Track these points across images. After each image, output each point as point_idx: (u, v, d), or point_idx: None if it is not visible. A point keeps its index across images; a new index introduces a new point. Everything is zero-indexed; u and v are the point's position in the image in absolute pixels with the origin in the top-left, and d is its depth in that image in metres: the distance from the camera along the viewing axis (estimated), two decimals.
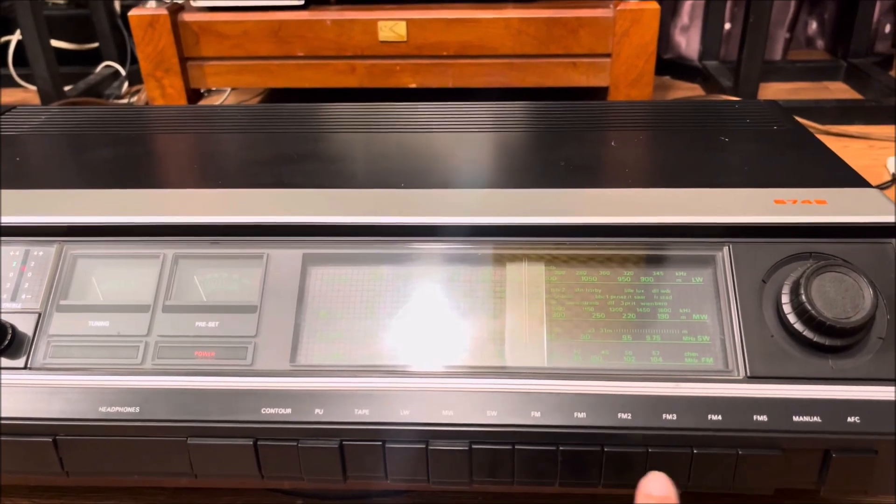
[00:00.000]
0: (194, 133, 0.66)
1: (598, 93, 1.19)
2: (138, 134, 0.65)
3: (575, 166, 0.56)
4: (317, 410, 0.41)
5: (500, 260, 0.47)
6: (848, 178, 0.52)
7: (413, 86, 1.08)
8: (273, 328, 0.44)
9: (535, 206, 0.48)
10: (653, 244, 0.47)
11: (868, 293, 0.42)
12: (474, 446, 0.42)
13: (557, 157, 0.58)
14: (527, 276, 0.47)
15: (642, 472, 0.42)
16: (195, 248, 0.46)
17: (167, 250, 0.46)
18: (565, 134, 0.63)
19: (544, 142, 0.62)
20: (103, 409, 0.41)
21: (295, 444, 0.41)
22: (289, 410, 0.41)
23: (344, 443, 0.41)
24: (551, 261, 0.47)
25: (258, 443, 0.41)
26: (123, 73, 1.40)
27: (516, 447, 0.42)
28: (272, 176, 0.55)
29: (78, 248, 0.47)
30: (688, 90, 1.48)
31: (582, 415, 0.42)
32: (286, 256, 0.46)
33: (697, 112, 0.70)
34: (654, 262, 0.47)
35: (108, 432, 0.41)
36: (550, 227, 0.47)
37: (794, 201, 0.47)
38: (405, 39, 1.04)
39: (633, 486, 0.43)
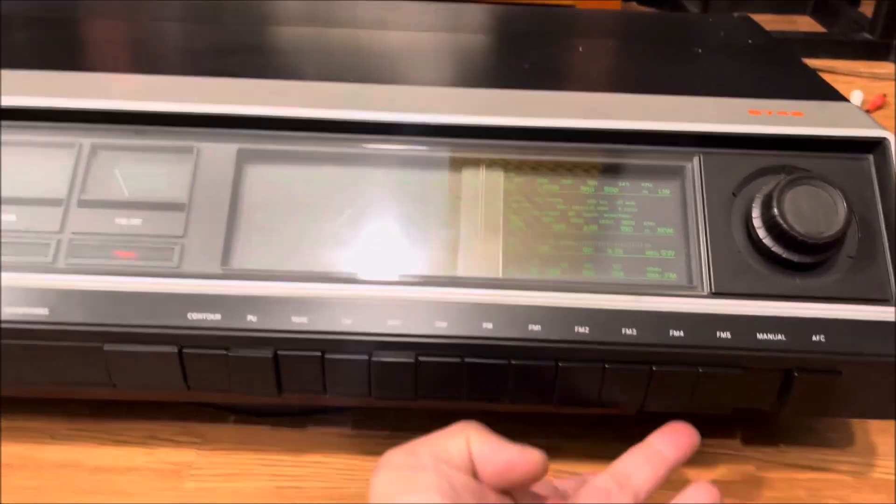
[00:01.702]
0: (129, 20, 0.60)
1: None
2: (66, 17, 0.59)
3: (540, 69, 0.53)
4: (249, 317, 0.37)
5: (455, 164, 0.43)
6: (825, 92, 0.49)
7: None
8: (203, 229, 0.40)
9: (496, 107, 0.44)
10: (619, 152, 0.44)
11: (842, 208, 0.40)
12: (421, 359, 0.39)
13: (522, 59, 0.54)
14: (484, 183, 0.43)
15: (598, 390, 0.40)
16: (117, 138, 0.42)
17: (84, 139, 0.41)
18: (531, 38, 0.59)
19: (509, 44, 0.58)
20: (9, 311, 0.37)
21: (224, 352, 0.37)
22: (218, 316, 0.37)
23: (279, 353, 0.38)
24: (511, 167, 0.44)
25: (183, 350, 0.37)
26: None
27: (466, 360, 0.39)
28: (210, 65, 0.50)
29: None
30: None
31: (536, 328, 0.39)
32: (219, 151, 0.42)
33: (670, 25, 0.67)
34: (620, 171, 0.44)
35: (15, 336, 0.37)
36: (511, 130, 0.43)
37: (770, 112, 0.44)
38: None
39: (588, 404, 0.41)
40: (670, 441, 0.40)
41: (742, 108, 0.45)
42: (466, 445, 0.33)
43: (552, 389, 0.40)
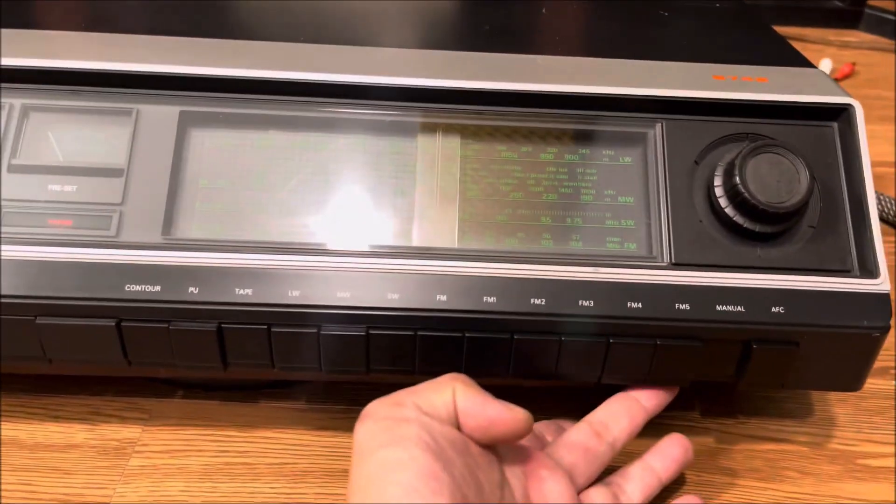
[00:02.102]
0: None
1: None
2: None
3: (499, 31, 0.51)
4: (191, 289, 0.36)
5: (410, 129, 0.42)
6: (791, 58, 0.48)
7: None
8: (142, 196, 0.38)
9: (453, 70, 0.42)
10: (580, 118, 0.42)
11: (805, 177, 0.39)
12: (372, 332, 0.38)
13: (480, 20, 0.52)
14: (440, 149, 0.42)
15: (555, 363, 0.40)
16: (50, 99, 0.39)
17: (14, 100, 0.39)
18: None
19: (468, 5, 0.56)
20: None
21: (166, 325, 0.36)
22: (158, 288, 0.36)
23: (223, 326, 0.36)
24: (468, 132, 0.42)
25: (122, 324, 0.36)
26: None
27: (419, 333, 0.38)
28: (152, 22, 0.47)
29: None
30: None
31: (492, 299, 0.38)
32: (160, 114, 0.39)
33: None
34: (581, 138, 0.42)
35: None
36: (468, 93, 0.41)
37: (734, 77, 0.43)
38: None
39: (544, 377, 0.40)
40: (651, 393, 0.41)
41: (706, 73, 0.43)
42: (452, 398, 0.33)
43: (508, 362, 0.39)
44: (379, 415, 0.32)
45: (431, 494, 0.28)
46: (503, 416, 0.33)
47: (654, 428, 0.41)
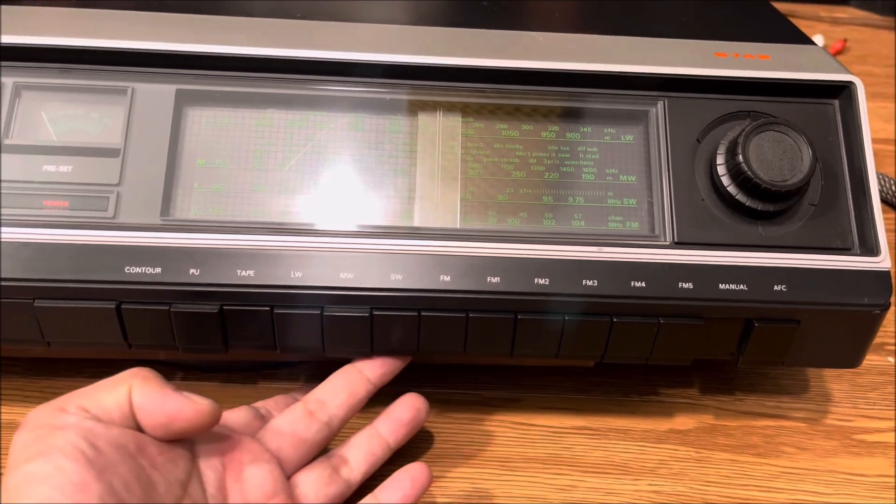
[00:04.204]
0: None
1: None
2: None
3: (501, 7, 0.50)
4: (192, 270, 0.35)
5: (411, 107, 0.41)
6: (792, 35, 0.48)
7: None
8: (140, 176, 0.37)
9: (454, 47, 0.42)
10: (581, 96, 0.42)
11: (807, 155, 0.39)
12: (375, 312, 0.37)
13: None
14: (441, 127, 0.41)
15: (558, 342, 0.40)
16: (42, 78, 0.38)
17: (6, 78, 0.38)
18: None
19: None
20: None
21: (167, 307, 0.35)
22: (158, 270, 0.35)
23: (225, 307, 0.36)
24: (469, 111, 0.42)
25: (122, 306, 0.35)
26: None
27: (422, 314, 0.38)
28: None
29: None
30: None
31: (495, 279, 0.38)
32: (156, 92, 0.39)
33: None
34: (582, 116, 0.42)
35: None
36: (469, 71, 0.41)
37: (736, 55, 0.43)
38: None
39: (548, 356, 0.41)
40: (376, 363, 0.40)
41: (708, 50, 0.43)
42: (127, 396, 0.31)
43: (511, 342, 0.39)
44: (35, 423, 0.30)
45: None
46: (184, 410, 0.31)
47: (654, 406, 0.42)
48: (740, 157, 0.39)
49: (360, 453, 0.38)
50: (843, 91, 0.42)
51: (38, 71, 0.39)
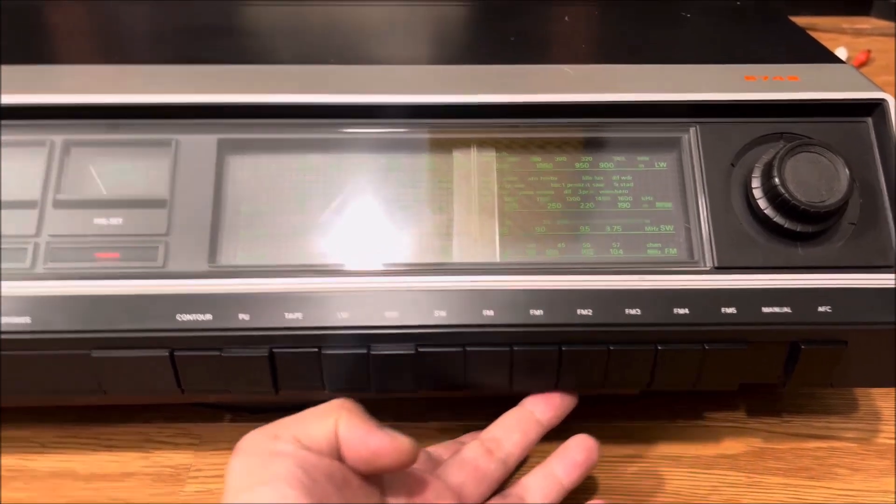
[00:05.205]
0: (92, 3, 0.57)
1: None
2: (22, 4, 0.56)
3: (527, 41, 0.51)
4: (241, 316, 0.36)
5: (445, 145, 0.42)
6: (818, 54, 0.48)
7: None
8: (187, 225, 0.38)
9: (485, 84, 0.42)
10: (613, 126, 0.42)
11: (844, 175, 0.39)
12: (421, 349, 0.38)
13: (506, 31, 0.52)
14: (476, 163, 0.42)
15: (603, 372, 0.40)
16: (90, 134, 0.40)
17: (55, 136, 0.39)
18: (513, 6, 0.57)
19: (491, 14, 0.56)
20: None
21: (218, 353, 0.36)
22: (209, 316, 0.36)
23: (274, 351, 0.36)
24: (502, 146, 0.42)
25: (175, 353, 0.36)
26: None
27: (467, 349, 0.38)
28: (182, 51, 0.47)
29: None
30: None
31: (538, 312, 0.38)
32: (199, 143, 0.40)
33: None
34: (615, 145, 0.42)
35: None
36: (501, 107, 0.42)
37: (766, 77, 0.43)
38: None
39: (591, 386, 0.40)
40: (543, 403, 0.40)
41: (737, 74, 0.43)
42: (334, 428, 0.32)
43: (556, 374, 0.39)
44: (253, 449, 0.31)
45: None
46: (386, 447, 0.32)
47: (701, 430, 0.41)
48: (776, 179, 0.39)
49: (536, 494, 0.38)
50: (875, 108, 0.42)
51: (85, 127, 0.40)
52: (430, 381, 0.39)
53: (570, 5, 0.58)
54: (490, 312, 0.38)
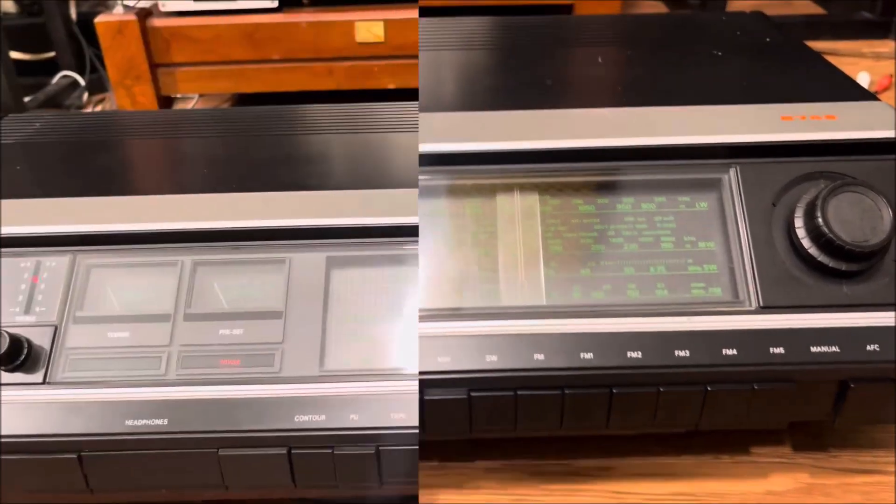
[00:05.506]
0: (198, 137, 0.49)
1: (562, 11, 0.89)
2: (140, 139, 0.49)
3: (563, 85, 0.43)
4: (352, 416, 0.32)
5: (489, 190, 0.35)
6: (853, 91, 0.37)
7: (392, 86, 0.84)
8: (300, 333, 0.34)
9: (526, 130, 0.35)
10: (654, 168, 0.35)
11: (887, 213, 0.31)
12: (473, 394, 0.33)
13: (542, 75, 0.44)
14: (519, 207, 0.35)
15: (653, 413, 0.34)
16: (214, 254, 0.35)
17: (185, 257, 0.35)
18: (546, 50, 0.48)
19: (523, 60, 0.47)
20: (130, 423, 0.32)
21: (330, 451, 0.32)
22: (323, 417, 0.32)
23: (380, 448, 0.32)
24: (545, 189, 0.35)
25: (292, 451, 0.32)
26: (83, 82, 0.99)
27: (519, 393, 0.33)
28: (285, 177, 0.40)
29: (92, 258, 0.36)
30: (650, 7, 1.12)
31: (588, 355, 0.32)
32: (309, 260, 0.35)
33: (683, 26, 0.52)
34: (656, 187, 0.35)
35: (136, 446, 0.33)
36: (543, 153, 0.35)
37: (803, 117, 0.34)
38: (383, 40, 0.79)
39: (639, 427, 0.34)
40: None
41: (774, 114, 0.34)
42: None
43: (606, 416, 0.33)
44: None
45: None
46: None
47: (748, 466, 0.35)
48: (820, 219, 0.31)
49: None
50: None
51: (210, 249, 0.36)
52: (482, 423, 0.34)
53: (603, 46, 0.49)
54: (541, 356, 0.32)
